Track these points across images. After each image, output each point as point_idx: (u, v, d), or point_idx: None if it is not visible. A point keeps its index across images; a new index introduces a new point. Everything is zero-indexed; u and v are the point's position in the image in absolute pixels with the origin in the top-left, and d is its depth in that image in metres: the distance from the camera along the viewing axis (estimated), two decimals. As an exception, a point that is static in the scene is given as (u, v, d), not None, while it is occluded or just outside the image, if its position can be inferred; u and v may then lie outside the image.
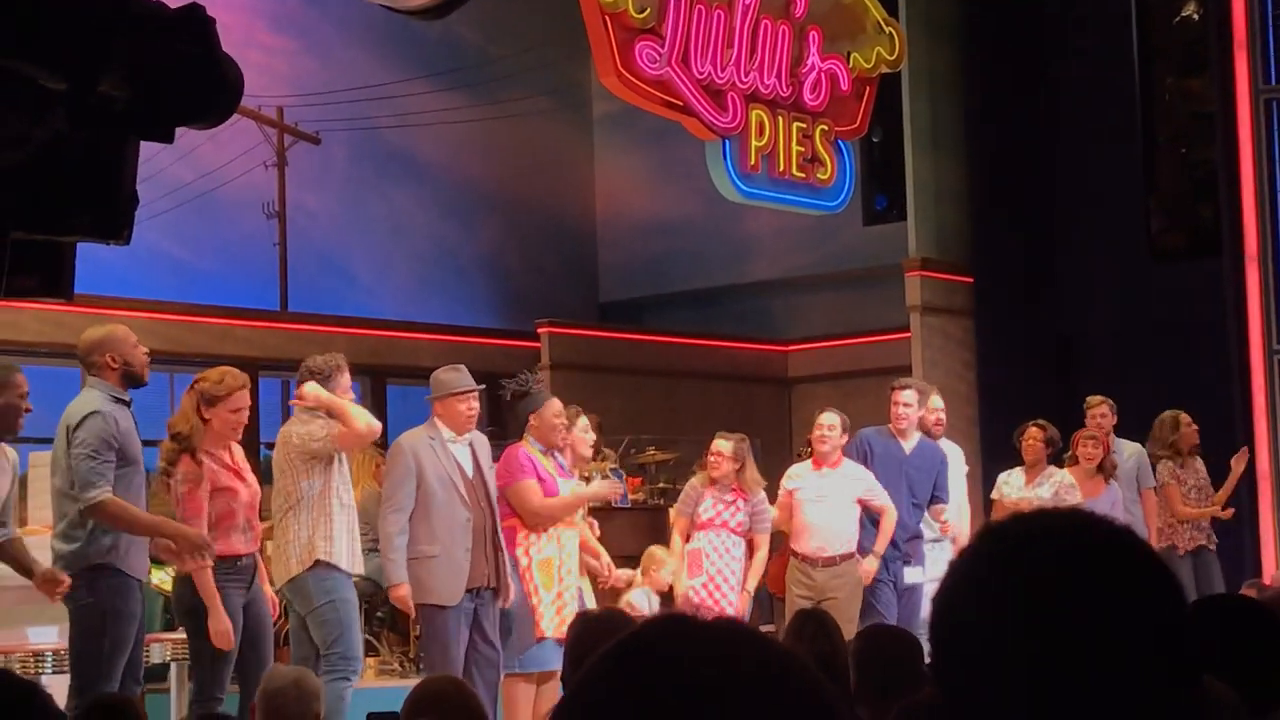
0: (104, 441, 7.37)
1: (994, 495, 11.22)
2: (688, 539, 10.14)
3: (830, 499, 10.39)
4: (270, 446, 16.66)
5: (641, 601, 10.02)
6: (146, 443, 7.93)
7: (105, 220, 4.11)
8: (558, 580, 8.95)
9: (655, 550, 10.01)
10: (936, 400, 11.06)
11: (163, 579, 12.49)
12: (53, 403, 7.99)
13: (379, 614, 11.71)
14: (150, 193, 4.49)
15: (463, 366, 8.98)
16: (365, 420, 8.29)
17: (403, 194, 17.56)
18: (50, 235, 4.19)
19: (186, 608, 7.84)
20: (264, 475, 9.13)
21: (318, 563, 8.12)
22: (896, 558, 10.43)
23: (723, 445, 10.22)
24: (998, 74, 15.44)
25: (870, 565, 10.27)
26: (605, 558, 9.79)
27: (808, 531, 10.37)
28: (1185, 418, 11.85)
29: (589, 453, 10.04)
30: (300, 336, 15.72)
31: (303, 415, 8.40)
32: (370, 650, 11.87)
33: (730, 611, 9.75)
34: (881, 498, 10.35)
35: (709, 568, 10.03)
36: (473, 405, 8.80)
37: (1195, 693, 1.52)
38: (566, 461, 9.39)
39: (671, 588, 10.42)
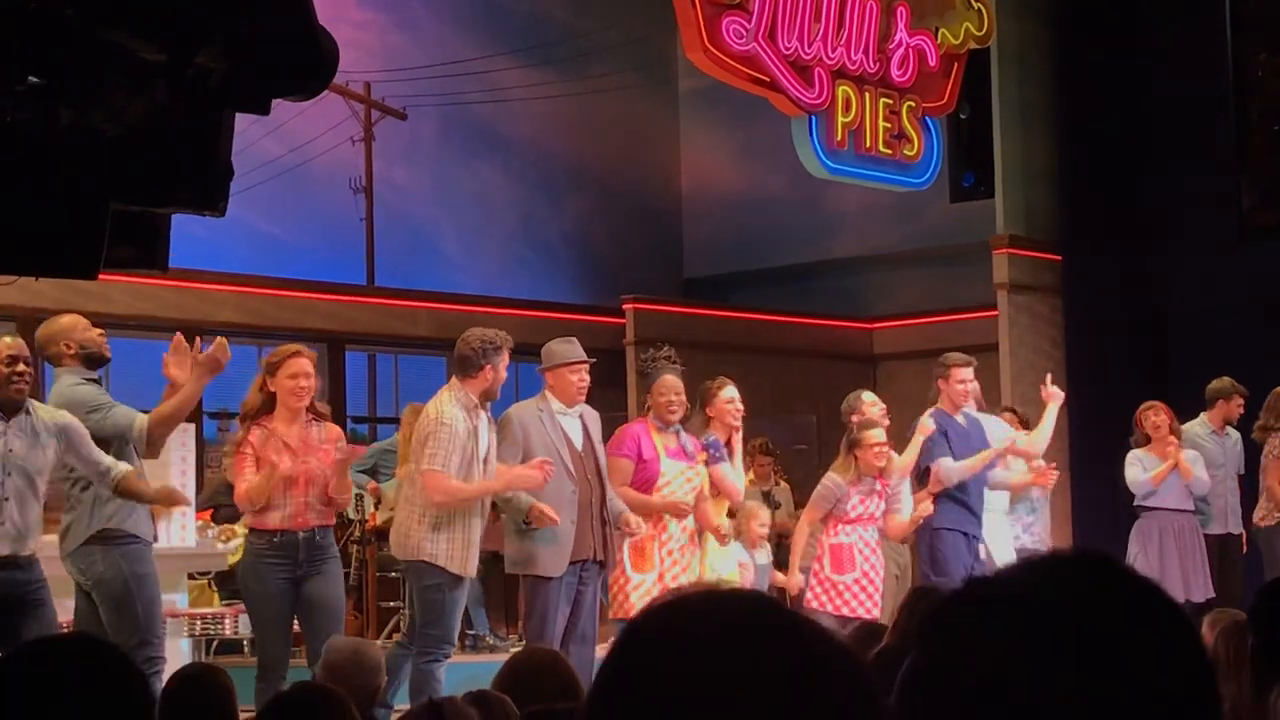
0: (94, 404, 7.54)
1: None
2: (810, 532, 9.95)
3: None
4: (357, 420, 16.83)
5: (744, 558, 9.82)
6: (224, 414, 8.06)
7: (202, 192, 4.14)
8: (658, 561, 8.91)
9: (748, 504, 9.86)
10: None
11: (227, 549, 12.64)
12: (143, 377, 8.05)
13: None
14: (238, 167, 4.50)
15: (574, 339, 8.95)
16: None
17: (489, 169, 17.60)
18: (148, 207, 4.23)
19: (240, 585, 7.92)
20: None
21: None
22: (978, 536, 10.28)
23: (880, 434, 9.99)
24: (1088, 49, 15.29)
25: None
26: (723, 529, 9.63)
27: (901, 508, 10.30)
28: None
29: (736, 423, 9.86)
30: (386, 311, 15.80)
31: (445, 416, 8.27)
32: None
33: (876, 612, 9.60)
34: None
35: (862, 564, 9.81)
36: (584, 377, 8.77)
37: None
38: (690, 442, 9.30)
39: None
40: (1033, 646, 1.39)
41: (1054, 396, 10.74)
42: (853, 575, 9.77)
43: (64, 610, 7.87)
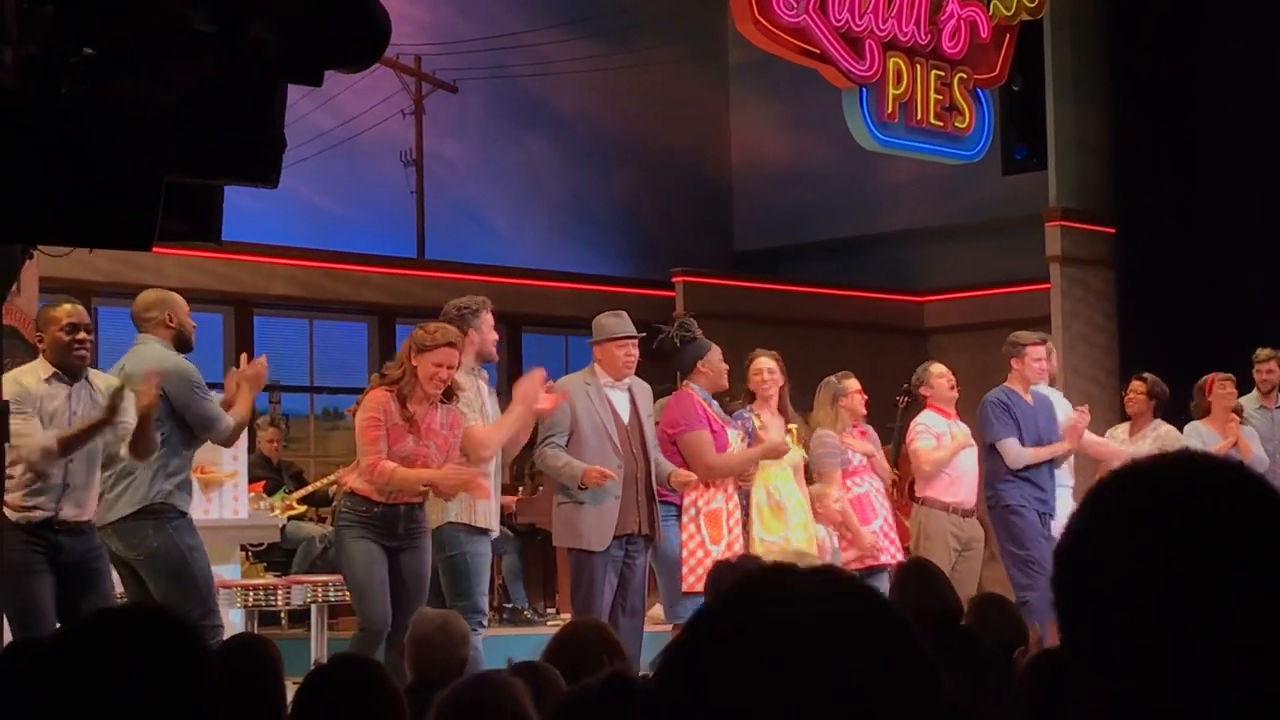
0: (195, 384, 7.58)
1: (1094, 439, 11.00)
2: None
3: (969, 448, 10.32)
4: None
5: (824, 537, 9.82)
6: (275, 386, 8.11)
7: (254, 164, 4.15)
8: (726, 532, 8.92)
9: (815, 486, 9.87)
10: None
11: (308, 525, 12.69)
12: (197, 348, 8.07)
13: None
14: (289, 139, 4.51)
15: (624, 313, 8.94)
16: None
17: (539, 142, 17.60)
18: (201, 179, 4.24)
19: (337, 550, 7.98)
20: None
21: (450, 522, 8.16)
22: (1050, 512, 10.25)
23: (852, 383, 10.12)
24: (1141, 19, 15.16)
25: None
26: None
27: (963, 480, 10.27)
28: None
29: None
30: (436, 284, 15.82)
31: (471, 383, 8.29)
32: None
33: (900, 556, 9.70)
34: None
35: (882, 510, 9.93)
36: (631, 352, 8.76)
37: None
38: (773, 418, 9.36)
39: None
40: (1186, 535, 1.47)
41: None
42: (877, 523, 9.84)
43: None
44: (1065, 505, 10.31)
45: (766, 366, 9.57)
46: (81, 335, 7.34)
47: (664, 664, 1.41)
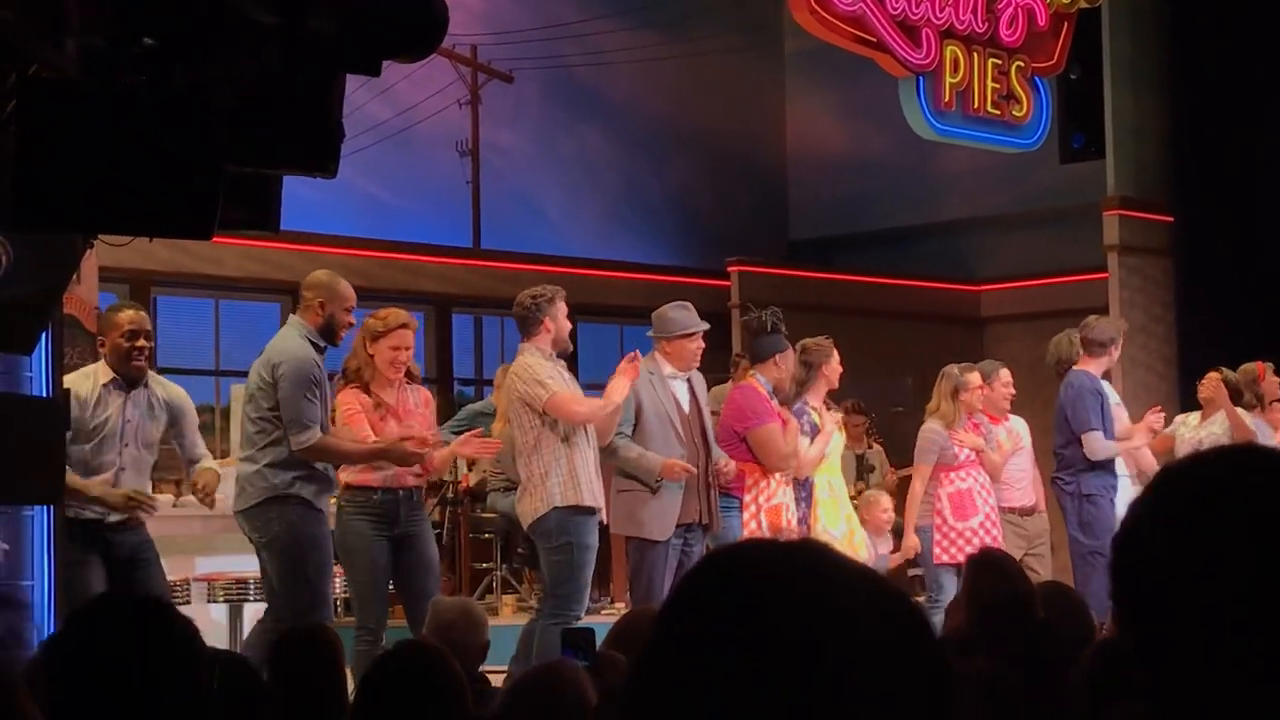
0: (310, 381, 7.52)
1: (1168, 430, 10.94)
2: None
3: (1024, 449, 10.33)
4: (464, 382, 16.92)
5: (866, 543, 9.78)
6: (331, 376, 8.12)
7: (313, 153, 4.17)
8: (786, 525, 8.92)
9: (869, 493, 9.84)
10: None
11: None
12: (255, 338, 8.14)
13: (519, 550, 11.74)
14: (346, 129, 4.53)
15: (689, 305, 8.93)
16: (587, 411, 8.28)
17: (594, 132, 17.60)
18: (260, 168, 4.26)
19: (339, 545, 8.00)
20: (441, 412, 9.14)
21: (556, 507, 8.14)
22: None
23: (978, 378, 10.09)
24: (1200, 8, 15.04)
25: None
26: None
27: (1018, 481, 10.26)
28: None
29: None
30: (492, 273, 15.87)
31: (533, 364, 8.26)
32: (509, 587, 11.98)
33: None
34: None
35: (983, 507, 9.86)
36: (701, 345, 8.77)
37: None
38: (818, 402, 9.39)
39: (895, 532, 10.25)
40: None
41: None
42: (977, 519, 9.77)
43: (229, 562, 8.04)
44: (1125, 494, 10.28)
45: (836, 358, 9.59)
46: (141, 343, 7.39)
47: (642, 652, 1.38)
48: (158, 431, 7.53)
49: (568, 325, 8.47)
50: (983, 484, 9.83)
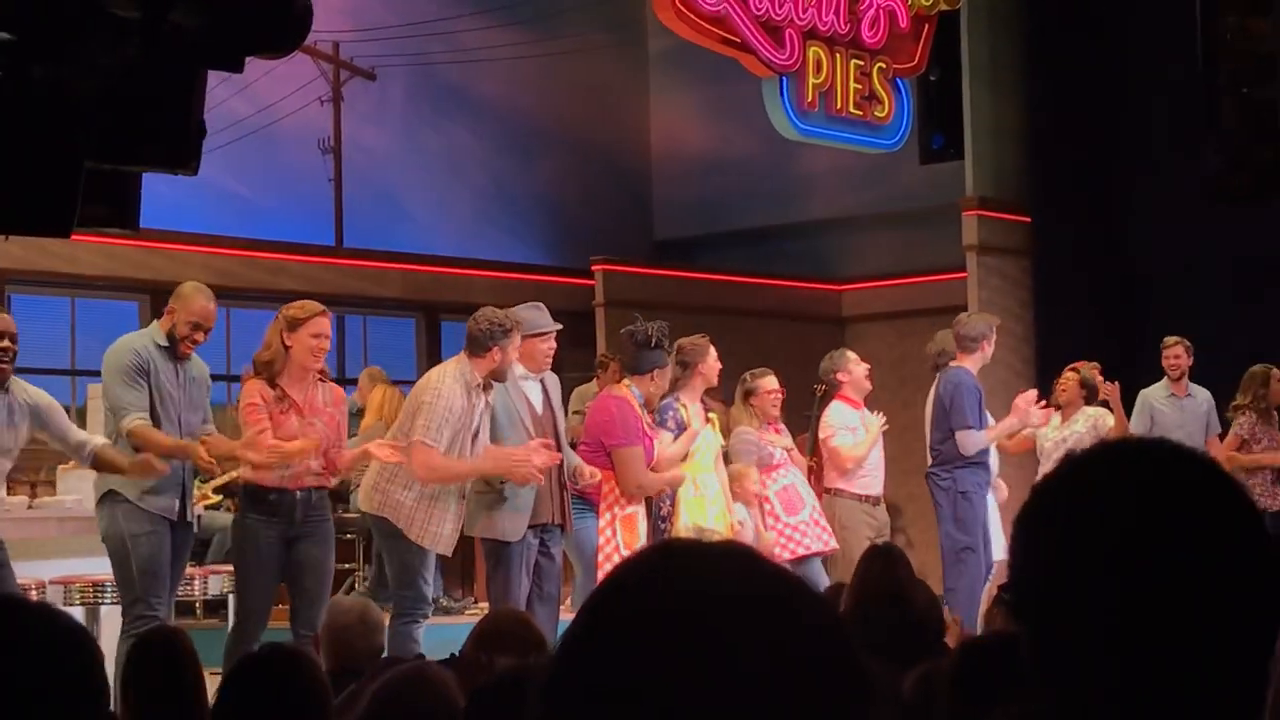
0: (127, 367, 7.49)
1: (1027, 432, 11.10)
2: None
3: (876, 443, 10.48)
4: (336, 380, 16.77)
5: (744, 517, 9.82)
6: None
7: (175, 150, 4.12)
8: (643, 536, 8.94)
9: (735, 466, 9.89)
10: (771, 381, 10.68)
11: (223, 515, 12.58)
12: (112, 338, 8.02)
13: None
14: (206, 126, 4.48)
15: (543, 305, 8.91)
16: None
17: (458, 130, 17.53)
18: (121, 165, 4.20)
19: (232, 541, 7.95)
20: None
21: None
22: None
23: (773, 382, 10.23)
24: (1057, 11, 15.28)
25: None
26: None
27: (875, 470, 10.39)
28: (1277, 373, 11.58)
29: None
30: (355, 272, 15.76)
31: (446, 393, 8.20)
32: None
33: (833, 543, 9.82)
34: None
35: (810, 499, 10.02)
36: (553, 345, 8.75)
37: (1275, 627, 1.50)
38: (695, 401, 9.42)
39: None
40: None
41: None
42: (806, 512, 9.94)
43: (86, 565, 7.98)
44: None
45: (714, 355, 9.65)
46: (5, 344, 7.27)
47: (565, 640, 1.38)
48: (17, 438, 7.40)
49: (513, 358, 8.40)
50: (801, 479, 10.05)
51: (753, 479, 9.75)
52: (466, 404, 8.15)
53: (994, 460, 10.69)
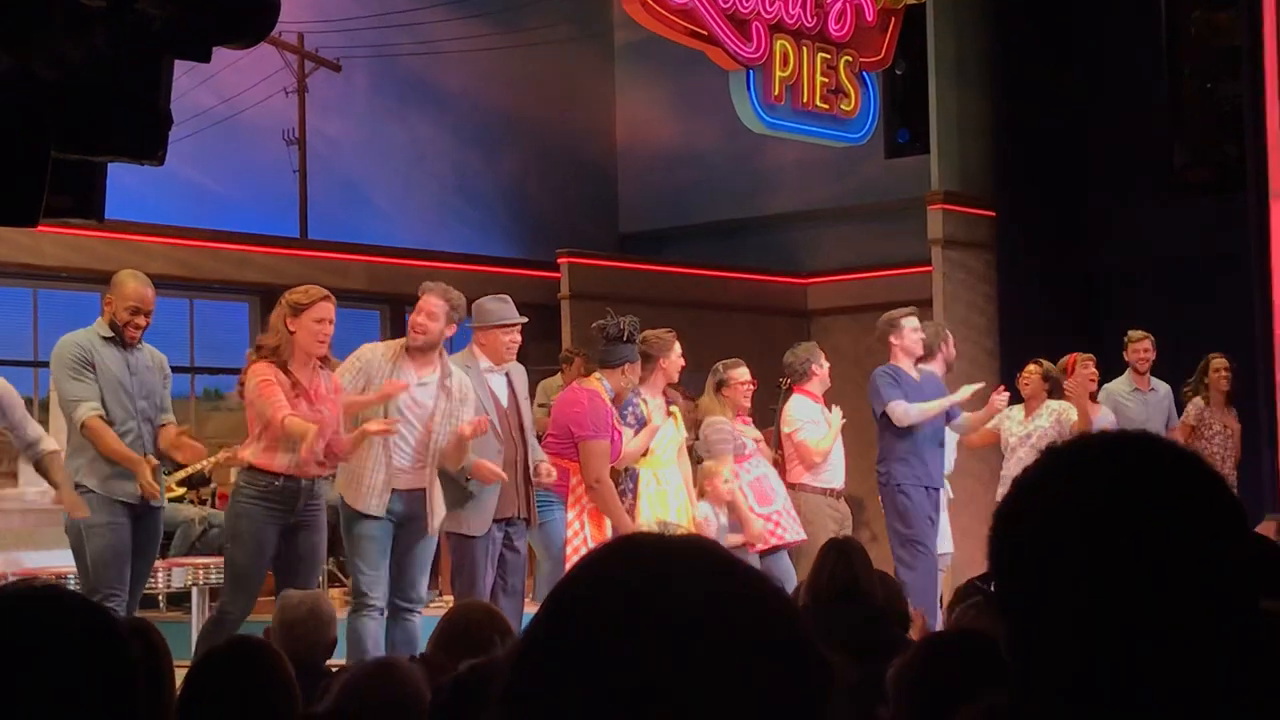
0: (72, 361, 7.51)
1: (991, 425, 11.14)
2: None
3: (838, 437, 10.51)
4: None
5: (709, 515, 9.80)
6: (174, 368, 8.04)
7: (141, 141, 4.10)
8: (610, 529, 8.94)
9: (707, 464, 9.88)
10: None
11: (187, 507, 12.54)
12: (74, 329, 7.99)
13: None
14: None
15: (508, 297, 8.90)
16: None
17: (423, 122, 17.49)
18: (87, 155, 4.17)
19: (227, 524, 7.91)
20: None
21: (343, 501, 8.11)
22: (937, 486, 10.54)
23: (746, 373, 10.23)
24: (1023, 6, 15.32)
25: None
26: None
27: (838, 465, 10.43)
28: (1218, 363, 11.82)
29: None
30: (319, 264, 15.70)
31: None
32: (335, 580, 11.90)
33: (803, 534, 9.85)
34: None
35: (781, 490, 10.06)
36: (516, 338, 8.74)
37: (1254, 618, 1.50)
38: (656, 395, 9.42)
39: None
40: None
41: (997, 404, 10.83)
42: (779, 503, 9.95)
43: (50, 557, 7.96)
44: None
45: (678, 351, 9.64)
46: None
47: (528, 632, 1.38)
48: None
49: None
50: (770, 470, 10.09)
51: (723, 478, 9.76)
52: (388, 370, 8.12)
53: (950, 456, 10.75)
